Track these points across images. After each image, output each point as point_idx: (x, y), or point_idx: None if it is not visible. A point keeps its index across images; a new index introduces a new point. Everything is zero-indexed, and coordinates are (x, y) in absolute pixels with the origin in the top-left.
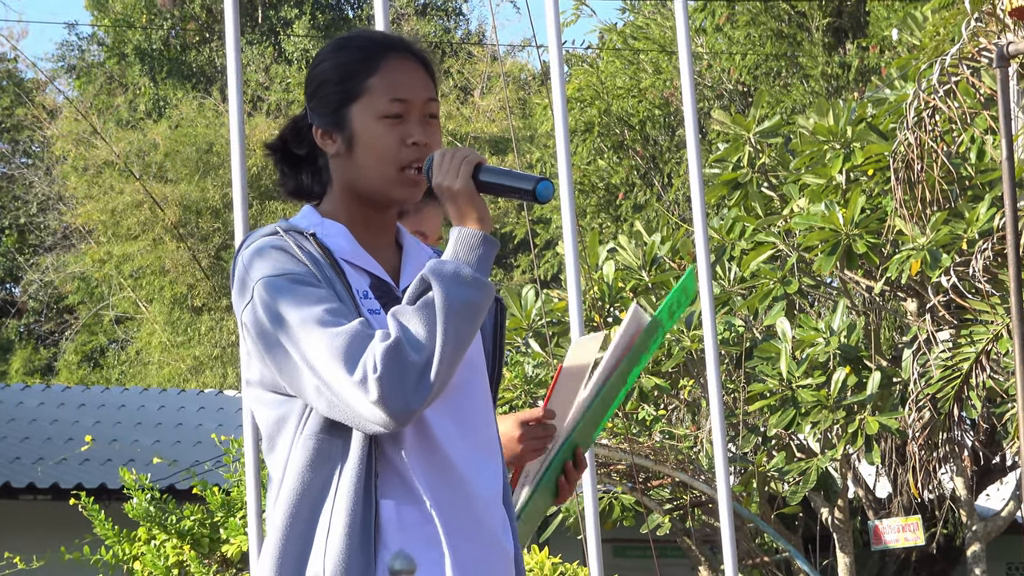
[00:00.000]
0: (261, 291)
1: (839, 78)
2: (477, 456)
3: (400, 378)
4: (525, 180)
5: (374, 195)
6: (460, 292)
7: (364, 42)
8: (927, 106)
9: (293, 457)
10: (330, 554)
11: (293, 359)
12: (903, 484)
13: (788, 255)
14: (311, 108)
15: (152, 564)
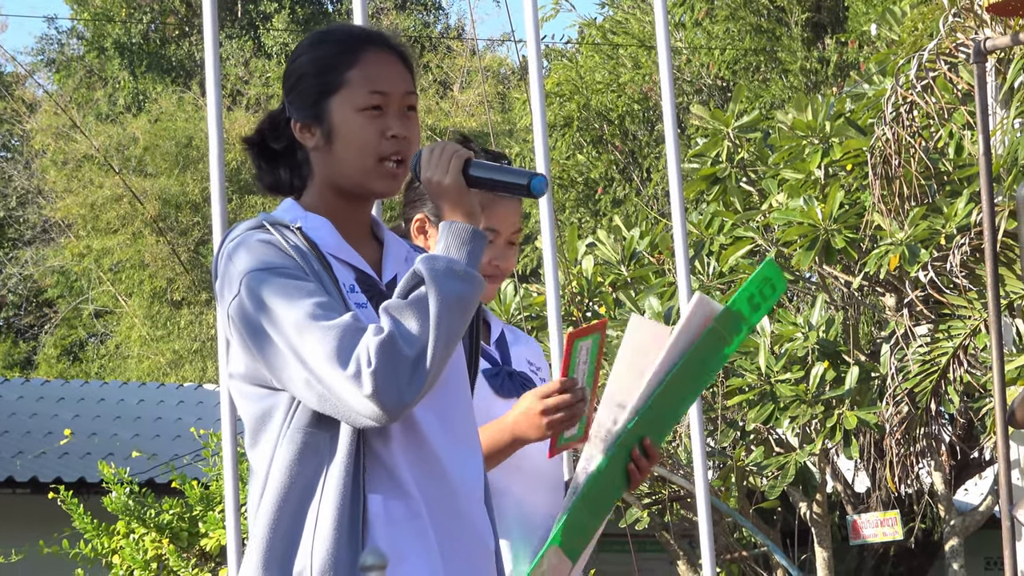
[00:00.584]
0: (249, 284)
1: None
2: (460, 450)
3: (394, 372)
4: (519, 175)
5: (354, 187)
6: (453, 287)
7: (342, 35)
8: (905, 101)
9: (280, 452)
10: (317, 550)
11: (282, 353)
12: (881, 479)
13: (767, 250)
14: (290, 102)
15: (131, 558)
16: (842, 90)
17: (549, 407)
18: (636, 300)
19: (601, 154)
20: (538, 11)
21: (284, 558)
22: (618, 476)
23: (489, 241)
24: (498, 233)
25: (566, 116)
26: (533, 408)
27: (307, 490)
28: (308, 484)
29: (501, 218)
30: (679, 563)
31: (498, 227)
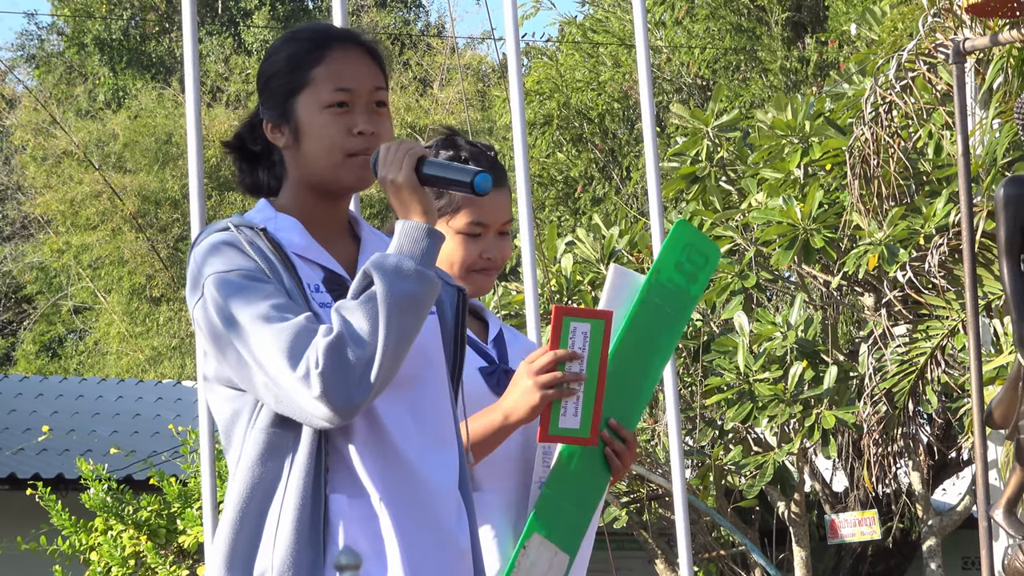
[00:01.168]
0: (211, 287)
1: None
2: (431, 448)
3: (342, 373)
4: (464, 173)
5: (325, 184)
6: (402, 286)
7: (310, 34)
8: (884, 101)
9: (245, 451)
10: (279, 549)
11: (242, 355)
12: (859, 478)
13: (746, 249)
14: (262, 103)
15: (109, 555)
16: (822, 90)
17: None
18: None
19: (581, 152)
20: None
21: (247, 558)
22: (596, 463)
23: (477, 234)
24: (486, 226)
25: (546, 114)
26: (522, 375)
27: (269, 490)
28: (270, 484)
29: (488, 211)
30: (657, 562)
31: (485, 220)
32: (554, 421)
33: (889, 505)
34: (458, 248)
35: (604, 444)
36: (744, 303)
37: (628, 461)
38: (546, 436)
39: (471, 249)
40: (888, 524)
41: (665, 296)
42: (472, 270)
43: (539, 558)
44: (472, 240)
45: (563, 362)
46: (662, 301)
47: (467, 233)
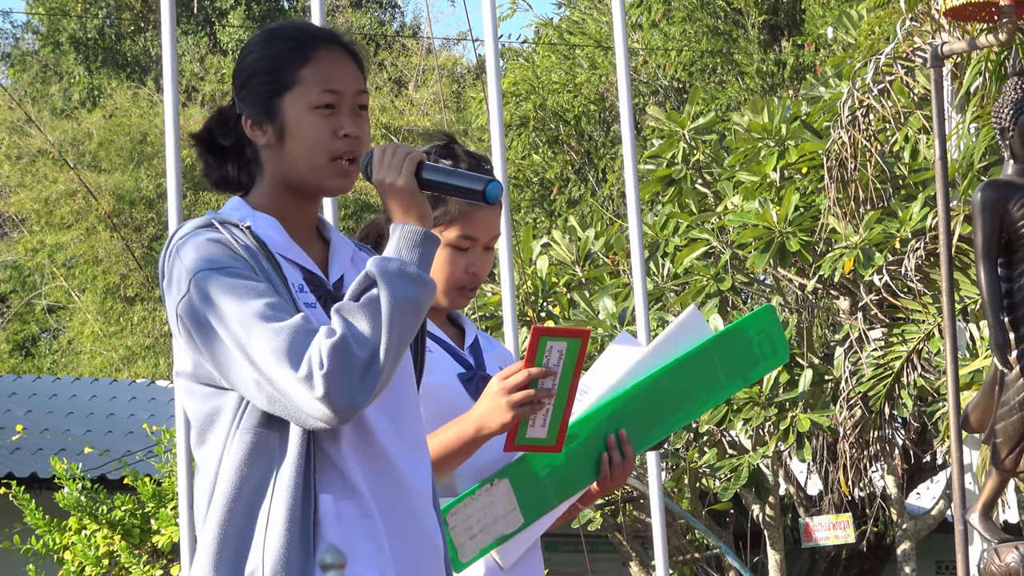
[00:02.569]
0: (198, 283)
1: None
2: (411, 451)
3: (347, 374)
4: (474, 180)
5: (305, 185)
6: (405, 289)
7: (295, 32)
8: (861, 105)
9: (229, 452)
10: (269, 549)
11: (232, 353)
12: (834, 482)
13: (722, 252)
14: (240, 99)
15: (83, 554)
16: (798, 93)
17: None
18: (590, 301)
19: (557, 154)
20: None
21: (235, 559)
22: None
23: (465, 248)
24: (475, 240)
25: (522, 116)
26: (495, 392)
27: (258, 490)
28: (259, 484)
29: (480, 226)
30: (631, 564)
31: (476, 235)
32: (521, 432)
33: (863, 509)
34: (446, 262)
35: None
36: (720, 306)
37: (619, 476)
38: (512, 446)
39: (458, 262)
40: (862, 528)
41: (724, 359)
42: (457, 287)
43: (499, 502)
44: (460, 253)
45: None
46: (719, 361)
47: (456, 246)
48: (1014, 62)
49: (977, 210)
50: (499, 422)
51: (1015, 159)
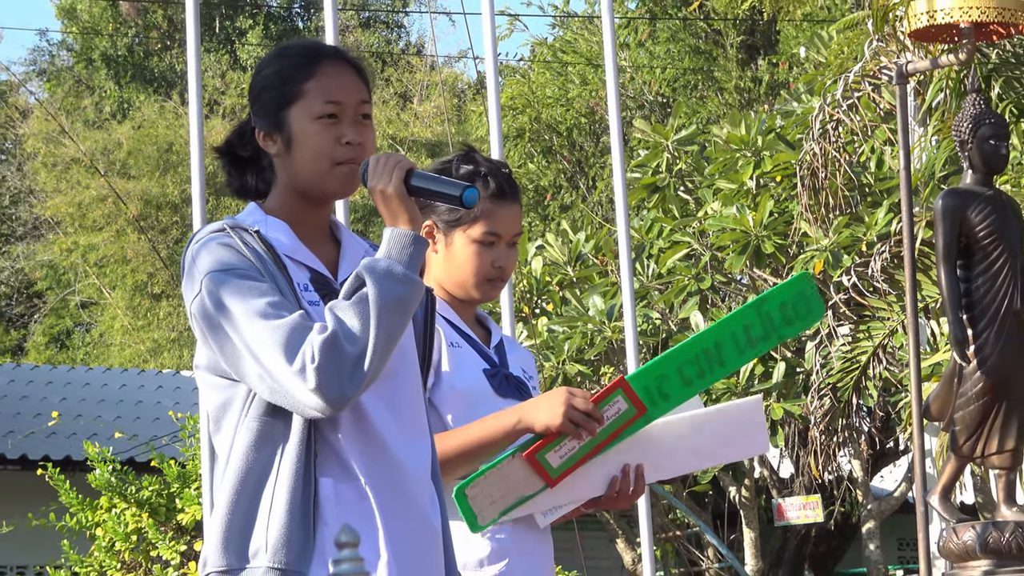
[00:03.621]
0: (208, 284)
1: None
2: (408, 437)
3: (336, 367)
4: (453, 187)
5: (312, 190)
6: (392, 288)
7: (301, 50)
8: (831, 119)
9: (238, 438)
10: (272, 528)
11: (238, 348)
12: (804, 466)
13: (702, 254)
14: (254, 112)
15: (113, 530)
16: (773, 107)
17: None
18: (581, 298)
19: (550, 163)
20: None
21: (242, 537)
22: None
23: (490, 244)
24: (499, 236)
25: (519, 128)
26: (558, 397)
27: (263, 474)
28: (264, 469)
29: (502, 223)
30: (618, 541)
31: (499, 231)
32: (547, 450)
33: (832, 490)
34: (473, 257)
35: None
36: (700, 303)
37: (623, 501)
38: (531, 453)
39: (485, 257)
40: (831, 508)
41: (757, 321)
42: (485, 280)
43: (516, 472)
44: (486, 249)
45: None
46: (752, 322)
47: (482, 242)
48: (972, 80)
49: (938, 216)
50: (545, 422)
51: (973, 169)
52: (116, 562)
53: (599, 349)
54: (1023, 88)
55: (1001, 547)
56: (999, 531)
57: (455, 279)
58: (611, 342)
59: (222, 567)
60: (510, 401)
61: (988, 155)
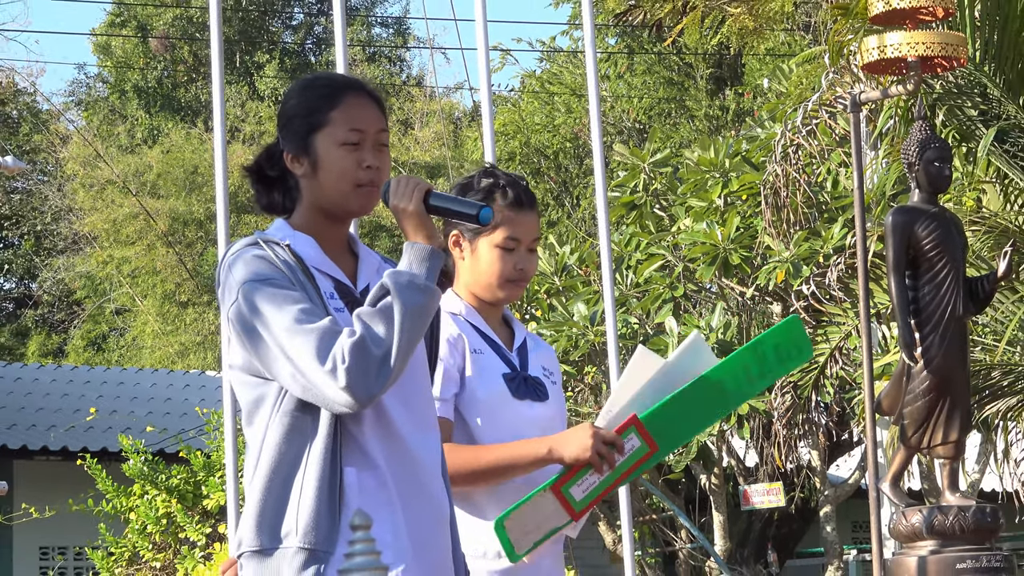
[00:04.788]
0: (245, 293)
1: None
2: (421, 431)
3: (364, 368)
4: (470, 206)
5: (335, 208)
6: (414, 297)
7: (327, 81)
8: (792, 143)
9: (270, 432)
10: (302, 513)
11: (273, 351)
12: (768, 456)
13: (675, 265)
14: (282, 137)
15: (145, 515)
16: (739, 133)
17: (601, 443)
18: (566, 305)
19: (539, 184)
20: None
21: (274, 520)
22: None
23: (512, 249)
24: (519, 242)
25: (510, 152)
26: (586, 431)
27: (293, 464)
28: (294, 459)
29: (522, 229)
30: (600, 524)
31: (519, 236)
32: (571, 483)
33: (792, 478)
34: (496, 261)
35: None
36: (673, 310)
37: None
38: (557, 489)
39: (507, 261)
40: (791, 494)
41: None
42: (508, 280)
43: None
44: (507, 254)
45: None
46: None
47: (503, 247)
48: (919, 108)
49: (889, 231)
50: (574, 454)
51: (920, 189)
52: (148, 543)
53: (583, 351)
54: (964, 115)
55: (945, 529)
56: (943, 514)
57: (481, 282)
58: (594, 345)
59: (256, 547)
60: (526, 402)
61: (933, 176)
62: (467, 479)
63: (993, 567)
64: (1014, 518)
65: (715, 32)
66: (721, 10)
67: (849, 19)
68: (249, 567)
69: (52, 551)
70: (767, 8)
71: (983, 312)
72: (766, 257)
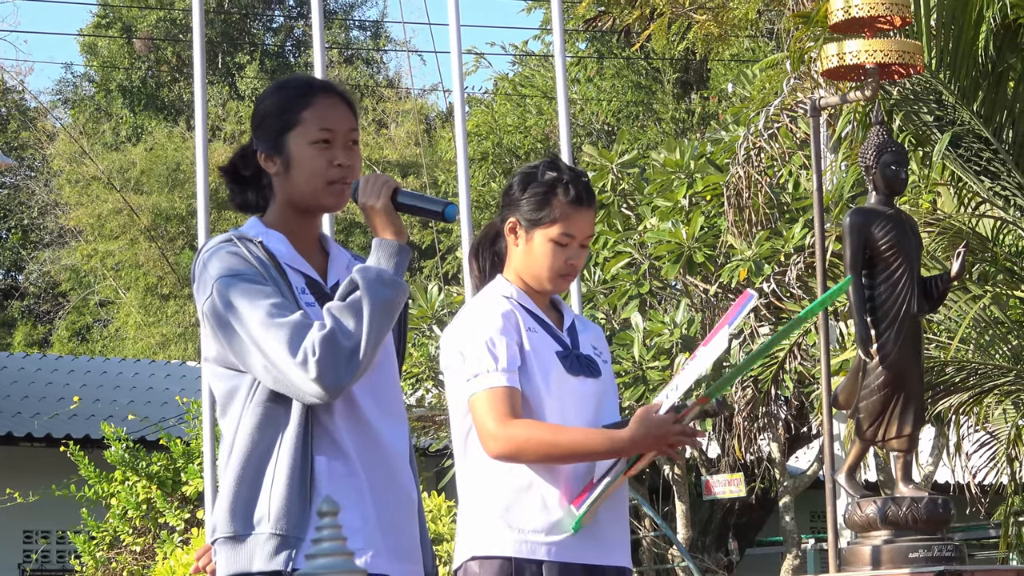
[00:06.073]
0: (219, 288)
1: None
2: (390, 421)
3: (334, 360)
4: (436, 203)
5: (307, 205)
6: (382, 292)
7: (299, 83)
8: (754, 146)
9: (244, 421)
10: (274, 500)
11: (246, 344)
12: (730, 447)
13: (641, 262)
14: (256, 137)
15: (126, 500)
16: (704, 136)
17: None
18: None
19: None
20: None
21: (247, 507)
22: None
23: (565, 244)
24: (573, 238)
25: (483, 152)
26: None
27: (266, 453)
28: (267, 448)
29: (577, 226)
30: None
31: (574, 233)
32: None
33: (753, 469)
34: (549, 254)
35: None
36: (639, 306)
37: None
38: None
39: (559, 256)
40: (752, 484)
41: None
42: (559, 275)
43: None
44: (560, 248)
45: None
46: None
47: (557, 242)
48: (877, 113)
49: (846, 231)
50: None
51: (877, 191)
52: (128, 528)
53: None
54: (920, 121)
55: (899, 519)
56: (897, 505)
57: (532, 272)
58: None
59: (229, 532)
60: (580, 379)
61: (890, 179)
62: (542, 457)
63: (945, 556)
64: (966, 509)
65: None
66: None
67: (810, 27)
68: (223, 552)
69: (35, 535)
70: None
71: (937, 311)
72: (729, 256)
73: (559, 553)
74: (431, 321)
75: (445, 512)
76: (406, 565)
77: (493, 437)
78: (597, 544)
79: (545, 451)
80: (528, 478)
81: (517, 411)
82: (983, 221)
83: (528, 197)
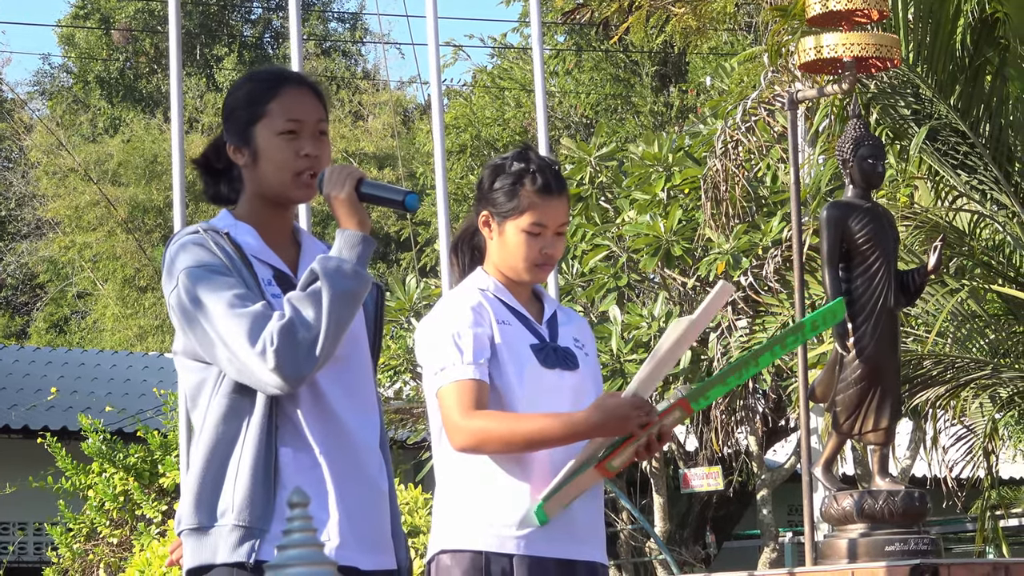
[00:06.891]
0: (184, 279)
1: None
2: (359, 412)
3: (293, 350)
4: (396, 193)
5: (275, 197)
6: (342, 283)
7: (266, 75)
8: (732, 139)
9: (210, 412)
10: (238, 490)
11: (209, 334)
12: (707, 440)
13: (619, 256)
14: (226, 129)
15: (103, 492)
16: (682, 129)
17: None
18: None
19: None
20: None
21: (211, 499)
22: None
23: (537, 234)
24: (546, 227)
25: (461, 144)
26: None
27: (230, 445)
28: (231, 440)
29: (548, 215)
30: None
31: (546, 222)
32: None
33: (731, 462)
34: (523, 245)
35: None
36: (617, 299)
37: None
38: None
39: (533, 246)
40: (730, 477)
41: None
42: (534, 264)
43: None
44: (534, 238)
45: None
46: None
47: (529, 232)
48: (854, 107)
49: (823, 225)
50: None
51: (854, 184)
52: (105, 519)
53: None
54: (898, 114)
55: (875, 512)
56: (873, 498)
57: (508, 264)
58: None
59: (194, 524)
60: (556, 372)
61: (867, 172)
62: (504, 447)
63: (920, 549)
64: (942, 503)
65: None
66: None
67: (788, 20)
68: (188, 544)
69: (12, 526)
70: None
71: (914, 304)
72: (707, 249)
73: (529, 547)
74: (409, 314)
75: (422, 504)
76: (375, 556)
77: (457, 429)
78: (570, 538)
79: (506, 440)
80: (498, 471)
81: (482, 403)
82: (960, 215)
83: (498, 189)
